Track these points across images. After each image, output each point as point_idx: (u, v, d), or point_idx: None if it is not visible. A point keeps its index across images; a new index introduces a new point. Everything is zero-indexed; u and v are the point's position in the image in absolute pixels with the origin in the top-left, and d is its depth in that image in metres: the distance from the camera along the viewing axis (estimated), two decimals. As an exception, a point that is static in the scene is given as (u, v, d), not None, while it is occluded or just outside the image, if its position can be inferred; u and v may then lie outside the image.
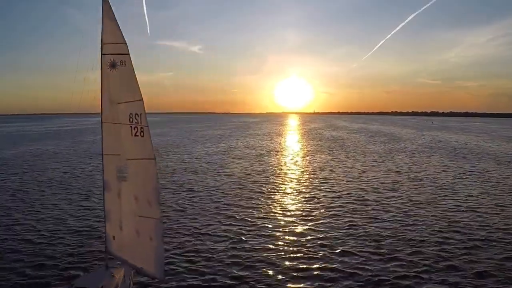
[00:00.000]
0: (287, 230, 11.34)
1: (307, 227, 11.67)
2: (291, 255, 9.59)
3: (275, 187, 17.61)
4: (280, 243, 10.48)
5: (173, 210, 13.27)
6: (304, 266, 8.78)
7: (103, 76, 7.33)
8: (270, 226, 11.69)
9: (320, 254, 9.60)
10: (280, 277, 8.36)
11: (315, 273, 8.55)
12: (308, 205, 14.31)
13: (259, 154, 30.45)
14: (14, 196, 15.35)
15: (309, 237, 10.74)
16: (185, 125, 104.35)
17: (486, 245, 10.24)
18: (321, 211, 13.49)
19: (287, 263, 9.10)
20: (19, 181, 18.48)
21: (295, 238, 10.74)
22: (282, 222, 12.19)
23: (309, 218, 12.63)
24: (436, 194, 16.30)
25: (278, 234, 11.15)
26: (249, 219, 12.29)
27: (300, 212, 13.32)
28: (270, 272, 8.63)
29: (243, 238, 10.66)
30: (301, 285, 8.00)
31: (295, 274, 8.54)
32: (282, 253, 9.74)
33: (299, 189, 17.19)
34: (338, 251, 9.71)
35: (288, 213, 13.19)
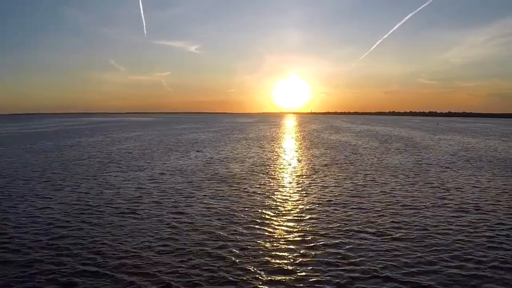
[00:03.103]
0: None
1: None
2: None
3: (264, 254, 9.14)
4: None
5: None
6: None
7: None
8: None
9: None
10: None
11: None
12: None
13: (245, 171, 21.90)
14: None
15: None
16: (174, 126, 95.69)
17: None
18: None
19: None
20: None
21: None
22: None
23: None
24: None
25: None
26: None
27: None
28: None
29: None
30: None
31: None
32: None
33: (308, 266, 8.65)
34: None
35: None
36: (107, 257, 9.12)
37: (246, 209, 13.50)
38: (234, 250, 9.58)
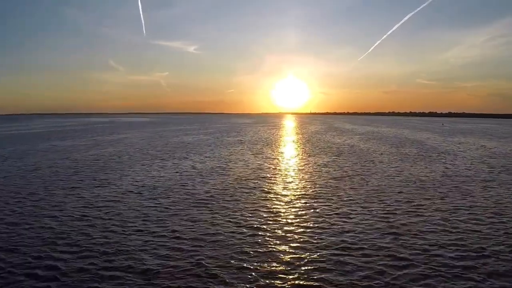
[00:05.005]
0: None
1: None
2: None
3: None
4: None
5: None
6: None
7: None
8: None
9: None
10: None
11: None
12: None
13: (234, 189, 17.30)
14: None
15: None
16: (169, 127, 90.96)
17: None
18: None
19: None
20: None
21: None
22: None
23: None
24: None
25: None
26: None
27: None
28: None
29: None
30: None
31: None
32: None
33: None
34: None
35: None
36: None
37: (228, 252, 8.87)
38: None
